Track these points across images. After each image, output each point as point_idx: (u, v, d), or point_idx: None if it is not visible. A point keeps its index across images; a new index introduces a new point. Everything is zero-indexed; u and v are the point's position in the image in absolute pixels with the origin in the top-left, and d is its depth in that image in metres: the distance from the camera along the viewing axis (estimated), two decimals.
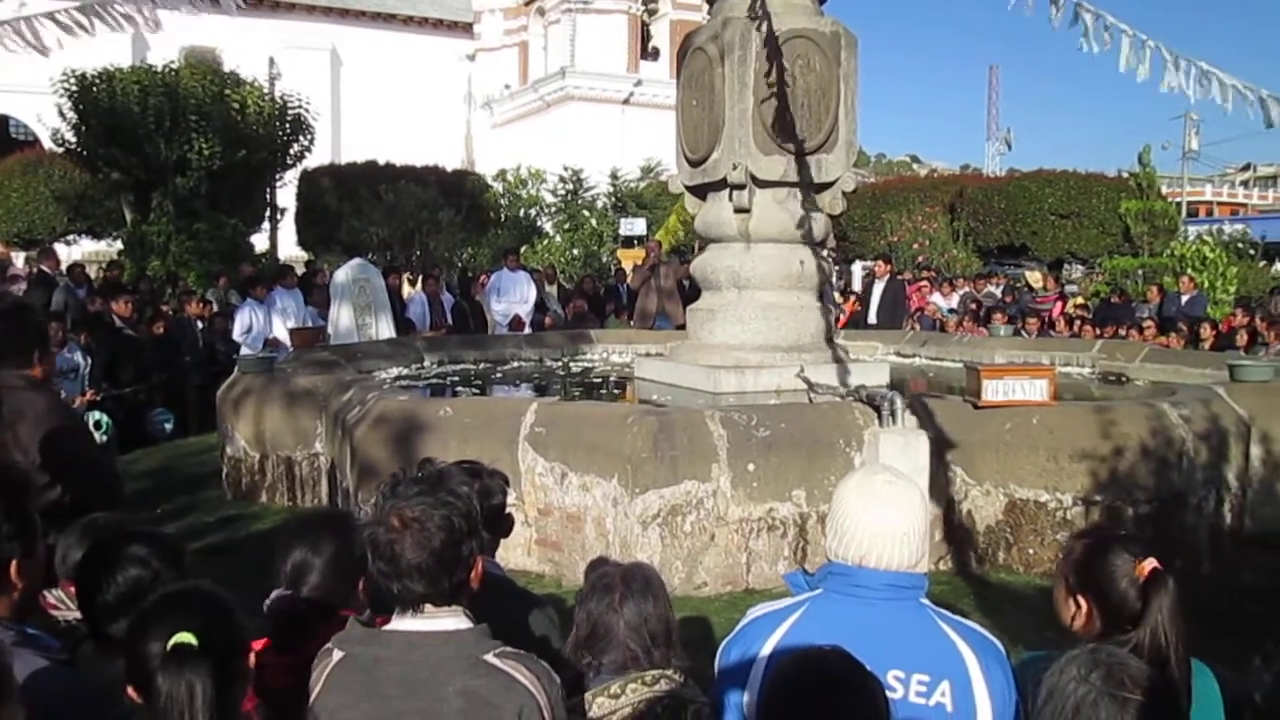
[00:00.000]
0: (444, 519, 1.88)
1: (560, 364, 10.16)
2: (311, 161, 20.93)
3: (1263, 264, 20.13)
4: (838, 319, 13.97)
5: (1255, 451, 6.08)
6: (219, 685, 1.61)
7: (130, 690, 1.70)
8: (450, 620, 1.93)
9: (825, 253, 15.18)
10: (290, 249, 24.59)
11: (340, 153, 31.54)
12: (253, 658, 1.83)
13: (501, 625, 2.16)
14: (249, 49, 29.19)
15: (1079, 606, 2.26)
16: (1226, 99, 4.29)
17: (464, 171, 28.18)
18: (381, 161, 24.30)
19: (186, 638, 1.62)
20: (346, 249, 17.99)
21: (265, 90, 18.26)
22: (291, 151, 18.42)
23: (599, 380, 9.03)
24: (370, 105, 37.16)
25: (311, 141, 18.62)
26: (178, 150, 15.55)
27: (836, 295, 15.91)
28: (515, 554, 5.41)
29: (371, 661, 1.88)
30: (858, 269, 20.18)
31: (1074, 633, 2.26)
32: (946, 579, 5.28)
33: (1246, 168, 64.07)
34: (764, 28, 6.84)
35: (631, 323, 13.56)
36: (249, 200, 18.34)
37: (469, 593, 1.99)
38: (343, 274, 12.14)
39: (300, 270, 16.11)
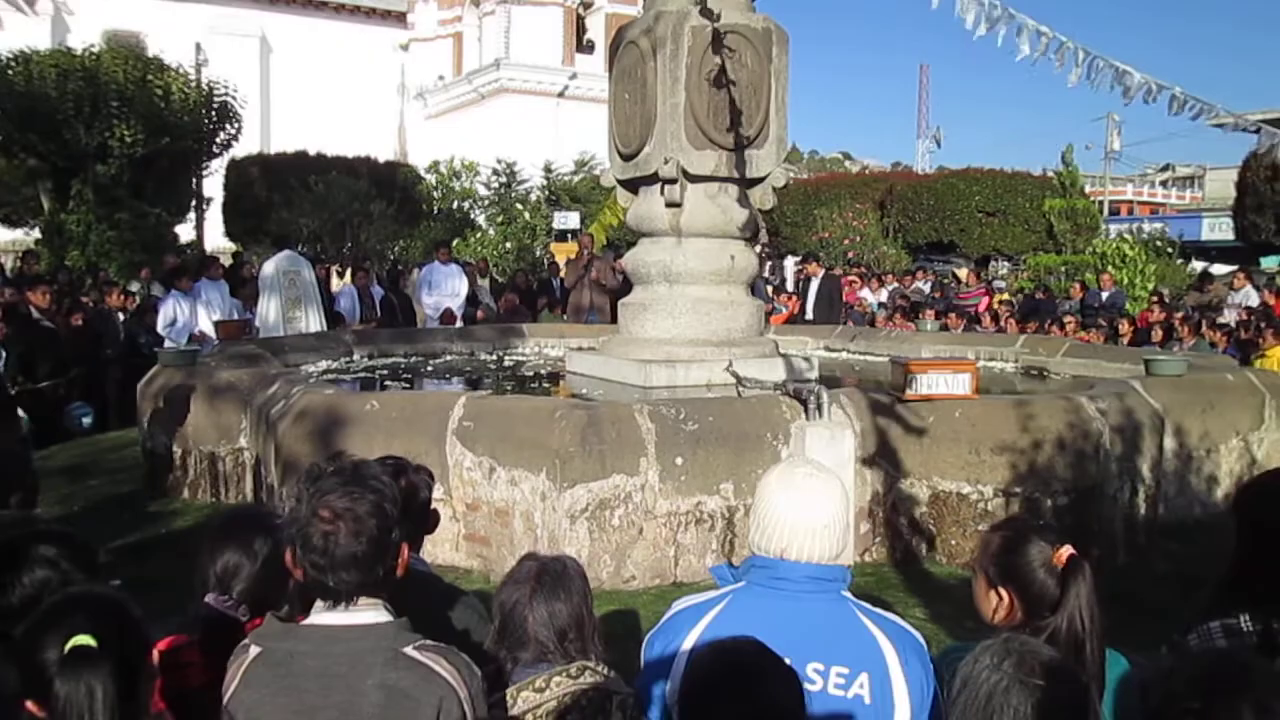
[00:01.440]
0: (374, 506, 1.87)
1: (492, 358, 10.10)
2: (239, 151, 20.54)
3: (1180, 261, 20.75)
4: (782, 316, 14.13)
5: (1169, 443, 6.27)
6: (121, 687, 1.57)
7: (30, 705, 1.64)
8: (370, 613, 1.91)
9: (758, 248, 15.31)
10: (217, 240, 24.10)
11: (270, 142, 31.00)
12: (170, 656, 1.79)
13: (424, 619, 2.14)
14: (174, 34, 28.52)
15: (1000, 598, 2.29)
16: (1133, 94, 4.43)
17: (396, 163, 27.88)
18: (312, 152, 23.95)
19: (84, 640, 1.58)
20: (275, 240, 17.68)
21: (191, 77, 17.87)
22: (218, 140, 18.07)
23: (531, 375, 9.00)
24: (301, 94, 36.51)
25: (239, 130, 18.28)
26: (98, 137, 15.15)
27: (769, 290, 16.06)
28: (444, 549, 5.37)
29: (288, 656, 1.86)
30: (790, 264, 20.37)
31: (996, 625, 2.28)
32: (872, 570, 5.35)
33: (1166, 168, 65.94)
34: (698, 22, 6.87)
35: (565, 317, 13.53)
36: (173, 189, 17.93)
37: (394, 582, 1.98)
38: (271, 266, 11.92)
39: (227, 262, 15.80)
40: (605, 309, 12.69)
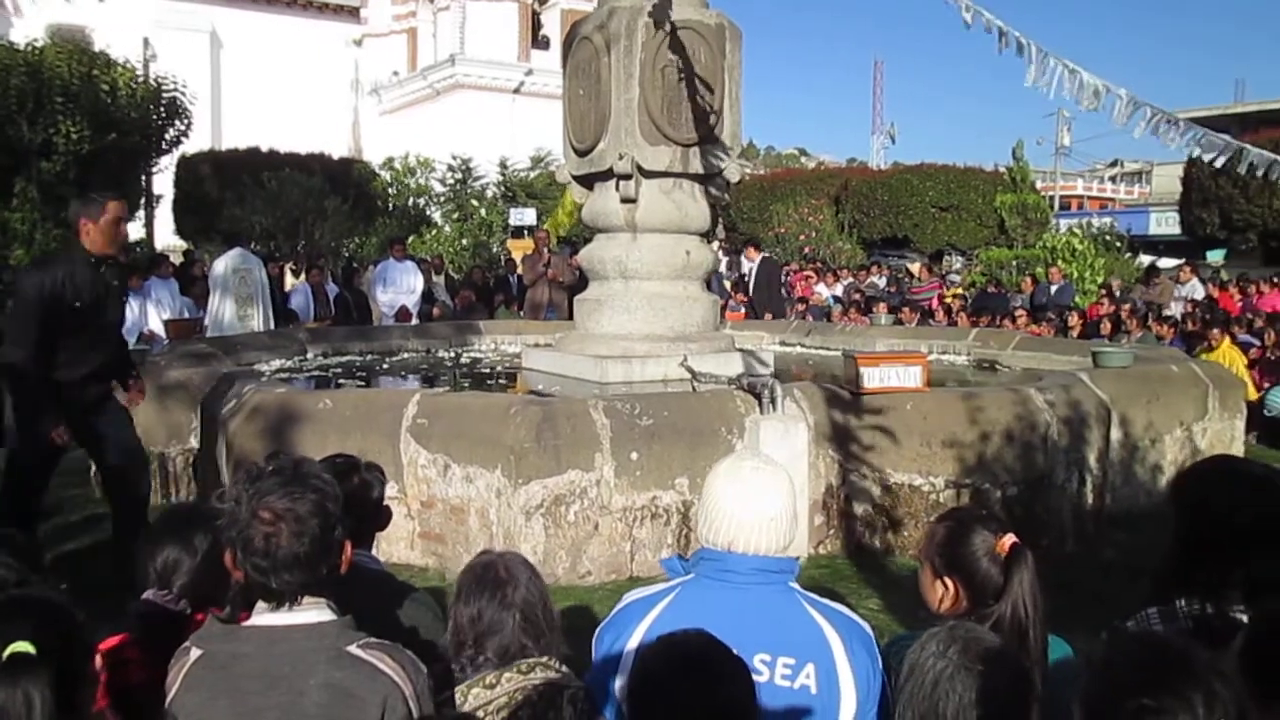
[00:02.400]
0: (315, 506, 1.86)
1: (448, 356, 10.05)
2: (190, 147, 20.21)
3: (1128, 256, 21.13)
4: (740, 313, 14.18)
5: (1115, 434, 6.38)
6: (60, 692, 1.55)
7: None
8: (313, 613, 1.90)
9: (715, 244, 15.37)
10: (168, 238, 23.74)
11: (221, 139, 30.56)
12: (110, 656, 1.77)
13: (373, 617, 2.14)
14: (122, 29, 27.95)
15: (946, 588, 2.32)
16: (1087, 99, 4.50)
17: (351, 160, 27.62)
18: (264, 148, 23.64)
19: (23, 647, 1.55)
20: (227, 238, 17.44)
21: (138, 72, 17.53)
22: (167, 136, 17.71)
23: (488, 372, 8.96)
24: (253, 90, 35.97)
25: (189, 126, 17.94)
26: (42, 133, 14.79)
27: (728, 285, 16.12)
28: (398, 548, 5.34)
29: (230, 658, 1.84)
30: (745, 265, 20.50)
31: (942, 615, 2.31)
32: (826, 563, 5.40)
33: (1115, 164, 66.99)
34: (652, 17, 6.88)
35: (522, 314, 13.49)
36: (121, 187, 17.55)
37: (338, 580, 1.97)
38: (222, 264, 11.76)
39: (178, 260, 15.56)
40: (563, 306, 12.67)
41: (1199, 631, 2.24)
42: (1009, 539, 2.24)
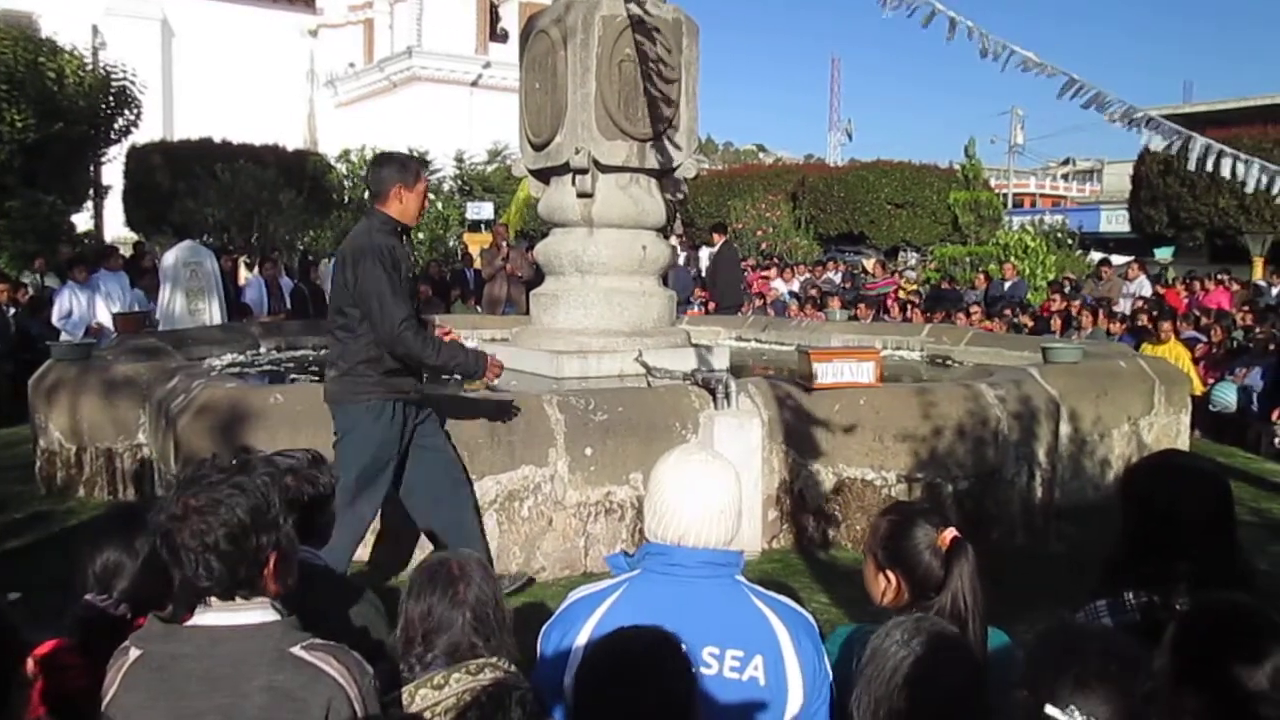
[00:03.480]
0: (228, 510, 1.81)
1: None
2: (140, 137, 19.89)
3: (1079, 253, 21.45)
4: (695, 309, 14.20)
5: (1064, 429, 6.48)
6: None
7: None
8: (257, 613, 1.87)
9: (673, 239, 15.35)
10: (118, 229, 23.35)
11: (173, 129, 30.12)
12: (46, 662, 1.73)
13: (321, 616, 2.11)
14: (70, 16, 27.41)
15: (889, 581, 2.35)
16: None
17: (306, 152, 27.30)
18: (218, 139, 23.32)
19: None
20: (179, 230, 17.20)
21: (87, 60, 17.21)
22: (116, 126, 17.45)
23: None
24: (205, 80, 35.50)
25: (139, 116, 17.70)
26: None
27: (691, 279, 16.13)
28: None
29: (170, 659, 1.80)
30: (704, 255, 20.54)
31: (885, 607, 2.34)
32: (780, 557, 5.43)
33: (1067, 162, 68.05)
34: (609, 11, 6.87)
35: (479, 308, 13.43)
36: (69, 177, 17.26)
37: (274, 587, 1.93)
38: (172, 256, 11.56)
39: (128, 252, 15.31)
40: (521, 301, 12.63)
41: (1146, 622, 2.28)
42: (950, 533, 2.27)
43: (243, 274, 15.02)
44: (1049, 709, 1.63)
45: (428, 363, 4.43)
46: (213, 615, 1.85)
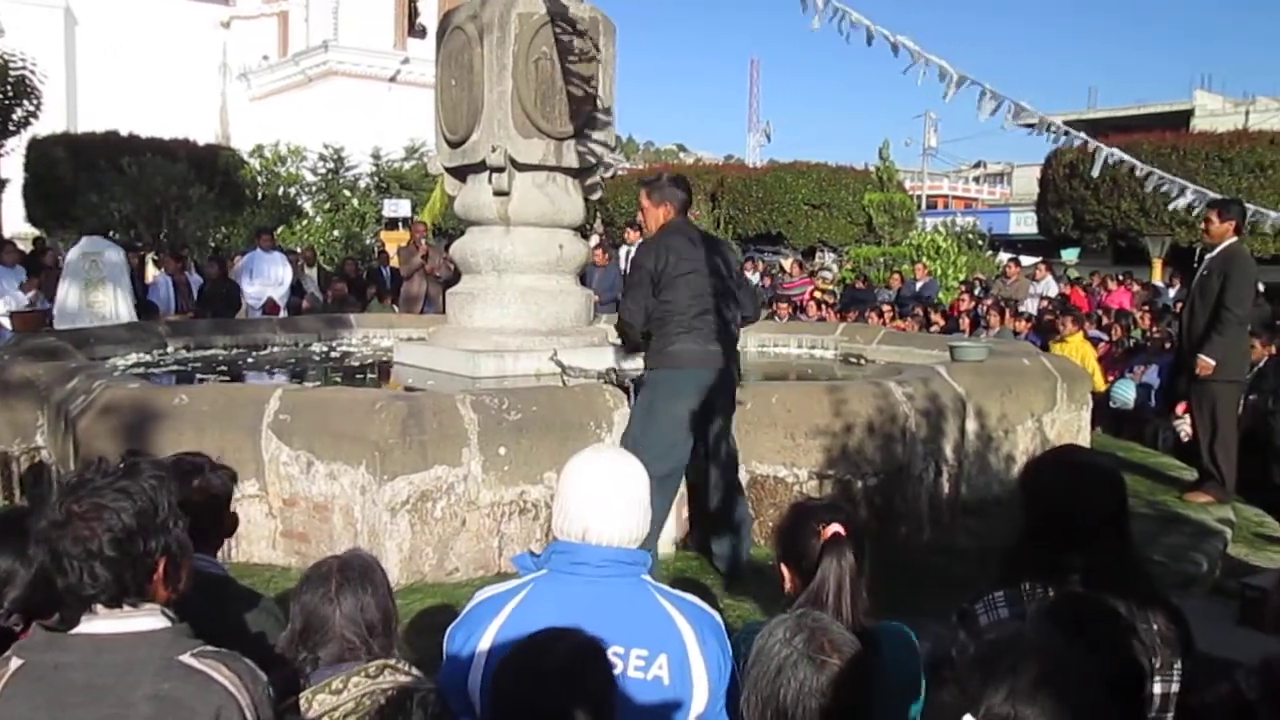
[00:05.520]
0: (113, 515, 1.76)
1: (319, 349, 9.80)
2: (42, 129, 19.20)
3: (989, 254, 22.00)
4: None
5: (970, 426, 6.63)
6: None
7: None
8: (145, 620, 1.81)
9: (594, 239, 15.34)
10: (18, 225, 22.50)
11: (76, 121, 29.17)
12: None
13: (216, 624, 2.06)
14: None
15: (787, 574, 2.42)
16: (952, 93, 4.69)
17: (218, 146, 26.68)
18: (124, 132, 22.67)
19: None
20: (83, 225, 16.63)
21: None
22: (14, 116, 16.80)
23: (359, 366, 8.78)
24: (111, 71, 34.41)
25: (39, 106, 17.07)
26: None
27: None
28: (259, 547, 5.19)
29: (52, 668, 1.74)
30: (624, 254, 20.59)
31: (789, 600, 2.41)
32: (694, 555, 5.46)
33: (978, 165, 69.73)
34: (525, 9, 6.83)
35: (396, 307, 13.26)
36: None
37: (163, 593, 1.88)
38: (75, 252, 11.16)
39: (28, 247, 14.77)
40: (439, 299, 12.50)
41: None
42: (831, 528, 2.33)
43: (150, 272, 14.60)
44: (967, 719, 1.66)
45: None
46: (99, 623, 1.79)
